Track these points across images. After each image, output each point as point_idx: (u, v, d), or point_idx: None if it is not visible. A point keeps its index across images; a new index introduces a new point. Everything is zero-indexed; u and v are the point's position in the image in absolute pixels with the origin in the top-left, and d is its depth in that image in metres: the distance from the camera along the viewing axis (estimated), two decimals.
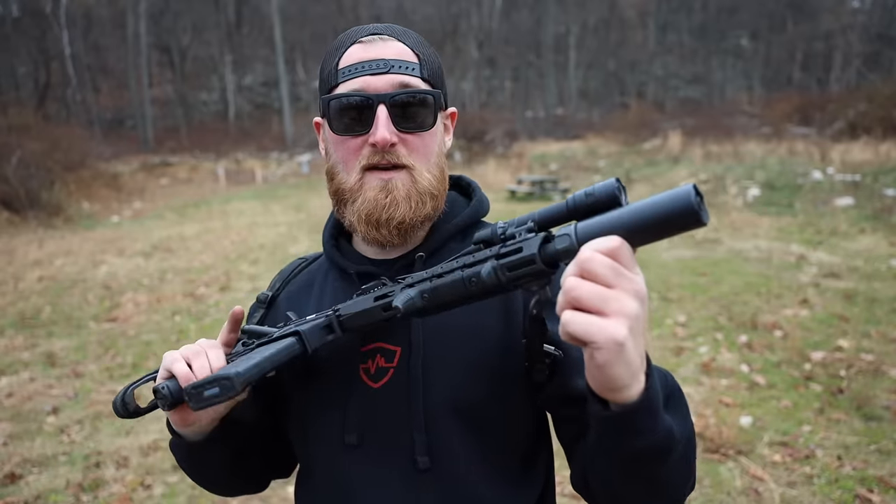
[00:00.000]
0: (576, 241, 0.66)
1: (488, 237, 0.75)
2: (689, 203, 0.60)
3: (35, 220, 14.50)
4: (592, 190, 0.68)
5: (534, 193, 16.49)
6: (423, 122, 0.92)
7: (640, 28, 44.73)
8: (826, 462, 3.35)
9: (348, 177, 0.93)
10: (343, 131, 0.91)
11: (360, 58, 0.91)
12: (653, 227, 0.63)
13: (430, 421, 0.90)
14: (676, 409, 0.76)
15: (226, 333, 0.96)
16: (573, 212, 0.69)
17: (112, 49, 36.03)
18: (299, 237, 11.36)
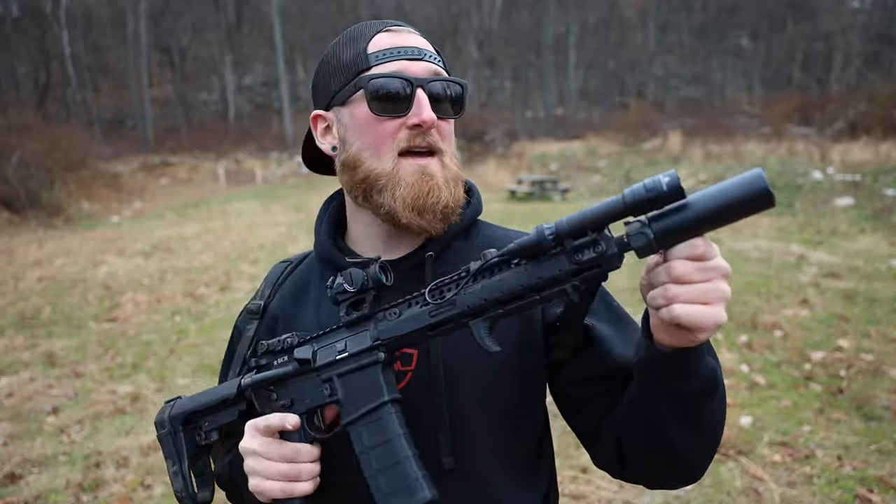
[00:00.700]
0: (654, 241, 0.70)
1: (535, 244, 0.73)
2: (765, 186, 0.65)
3: (35, 220, 14.49)
4: (656, 185, 0.67)
5: (534, 193, 16.48)
6: (455, 108, 0.94)
7: (640, 28, 44.73)
8: (826, 462, 3.35)
9: (380, 163, 0.90)
10: (382, 111, 0.89)
11: (393, 44, 0.91)
12: (727, 215, 0.67)
13: (454, 420, 0.91)
14: (713, 352, 0.81)
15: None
16: (631, 208, 0.70)
17: (112, 49, 36.02)
18: (299, 237, 11.36)
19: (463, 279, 0.79)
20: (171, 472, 0.97)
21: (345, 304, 0.86)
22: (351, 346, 0.85)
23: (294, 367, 0.89)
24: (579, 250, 0.73)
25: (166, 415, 0.99)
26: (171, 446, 0.97)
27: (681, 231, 0.69)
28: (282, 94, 35.15)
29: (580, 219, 0.72)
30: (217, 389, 0.97)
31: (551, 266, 0.74)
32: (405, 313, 0.83)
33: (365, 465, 0.83)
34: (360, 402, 0.84)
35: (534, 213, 13.37)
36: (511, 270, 0.77)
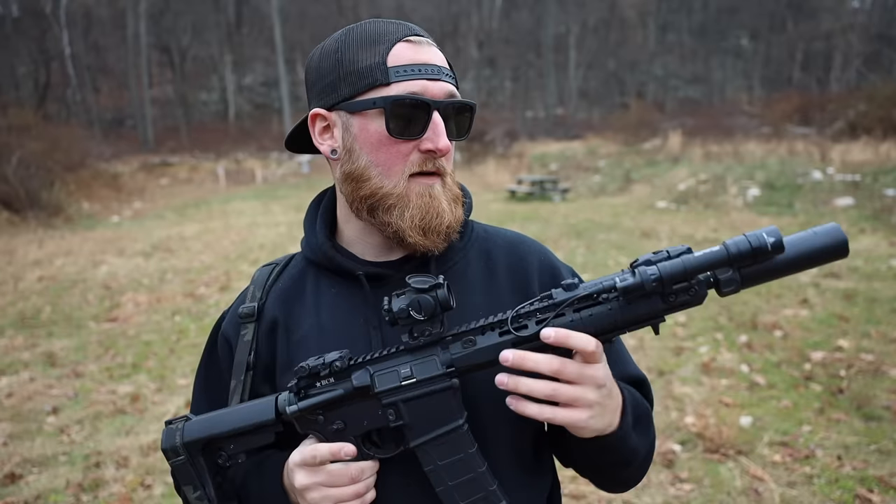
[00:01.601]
0: (741, 284, 0.79)
1: (637, 287, 0.76)
2: (844, 238, 0.77)
3: (35, 220, 14.50)
4: (760, 242, 0.78)
5: (534, 193, 16.49)
6: (464, 130, 0.95)
7: (640, 28, 44.72)
8: (826, 462, 3.35)
9: (389, 182, 0.90)
10: (399, 133, 0.88)
11: (413, 59, 0.88)
12: (808, 261, 0.78)
13: (473, 416, 0.91)
14: (643, 430, 0.92)
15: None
16: (734, 260, 0.77)
17: (112, 49, 36.01)
18: (299, 237, 11.30)
19: (545, 309, 0.82)
20: (193, 497, 0.93)
21: (405, 328, 0.85)
22: (418, 372, 0.84)
23: (347, 390, 0.87)
24: (674, 293, 0.78)
25: (178, 442, 0.92)
26: (190, 474, 0.92)
27: (765, 275, 0.79)
28: (282, 94, 35.15)
29: (683, 268, 0.77)
30: (244, 412, 0.92)
31: (645, 306, 0.79)
32: (480, 341, 0.83)
33: (437, 481, 0.86)
34: (430, 425, 0.85)
35: (534, 213, 13.37)
36: (601, 306, 0.80)
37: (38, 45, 32.85)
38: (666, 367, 4.71)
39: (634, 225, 11.47)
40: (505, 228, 1.11)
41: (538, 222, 12.05)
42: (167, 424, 0.95)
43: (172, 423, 0.94)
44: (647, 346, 5.14)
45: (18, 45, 32.02)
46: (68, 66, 33.16)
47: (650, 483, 3.24)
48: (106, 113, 35.28)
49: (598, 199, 16.08)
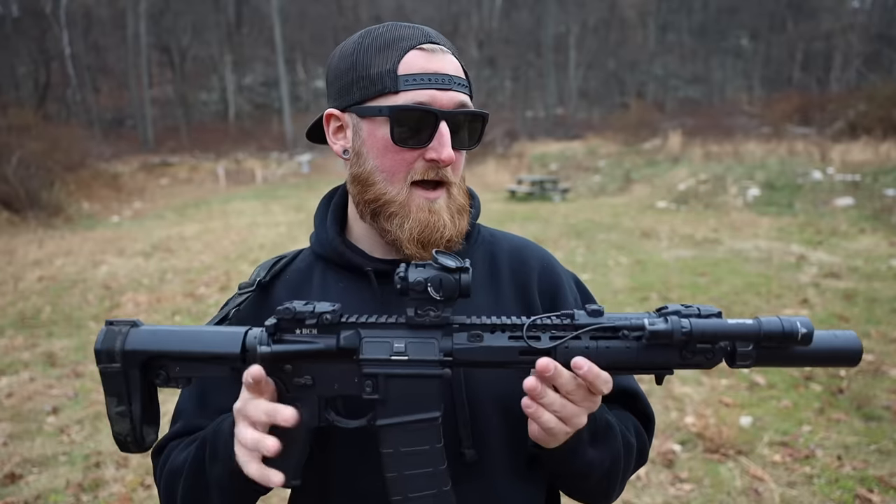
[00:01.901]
0: (754, 363, 0.79)
1: (666, 335, 0.76)
2: (860, 348, 0.80)
3: (35, 220, 14.49)
4: (793, 330, 0.77)
5: (534, 193, 16.49)
6: (473, 141, 0.94)
7: (640, 28, 44.71)
8: (826, 462, 3.35)
9: (392, 188, 0.91)
10: (403, 142, 0.89)
11: (424, 68, 0.89)
12: (818, 360, 0.81)
13: (473, 414, 0.92)
14: (602, 444, 0.92)
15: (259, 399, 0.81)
16: (761, 338, 0.77)
17: (112, 49, 36.01)
18: (299, 237, 11.36)
19: (561, 327, 0.80)
20: (114, 412, 0.84)
21: (416, 302, 0.80)
22: (413, 351, 0.80)
23: (328, 346, 0.80)
24: (695, 352, 0.78)
25: (117, 346, 0.83)
26: (119, 384, 0.83)
27: (777, 361, 0.80)
28: (282, 94, 35.16)
29: (714, 331, 0.77)
30: (206, 336, 0.83)
31: (662, 354, 0.79)
32: (488, 339, 0.80)
33: (390, 465, 0.81)
34: (406, 409, 0.81)
35: (534, 214, 13.37)
36: (619, 342, 0.79)
37: (38, 45, 32.85)
38: None
39: (634, 225, 11.47)
40: (512, 233, 1.12)
41: (538, 222, 12.05)
42: (108, 324, 0.85)
43: (115, 325, 0.85)
44: None
45: (18, 45, 32.02)
46: (68, 66, 33.16)
47: (650, 483, 3.24)
48: (106, 113, 35.28)
49: (598, 199, 16.08)
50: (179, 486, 0.92)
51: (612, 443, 0.93)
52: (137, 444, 0.86)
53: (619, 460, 0.95)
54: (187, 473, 0.91)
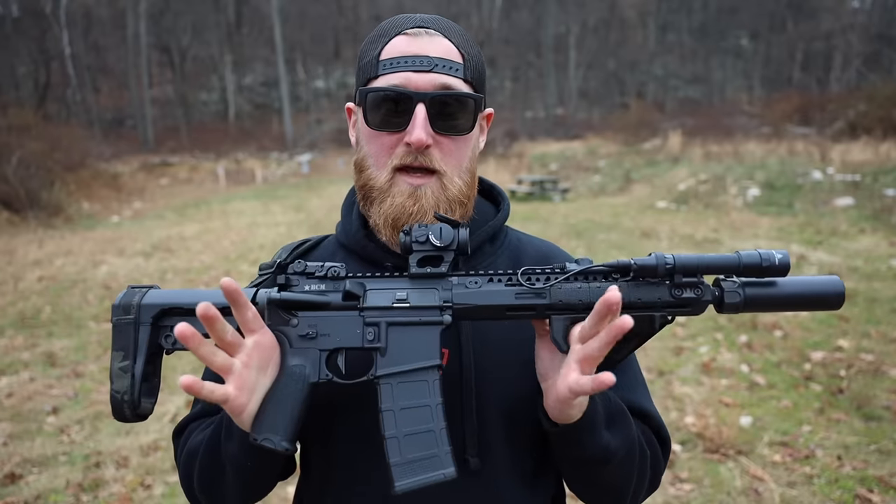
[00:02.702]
0: (742, 304, 0.81)
1: (652, 267, 0.80)
2: (843, 291, 0.81)
3: (35, 220, 14.49)
4: (769, 258, 0.79)
5: (534, 193, 16.48)
6: (461, 125, 0.90)
7: (640, 28, 44.71)
8: (826, 462, 3.35)
9: (378, 173, 0.91)
10: (378, 126, 0.89)
11: (404, 51, 0.88)
12: (803, 303, 0.82)
13: (480, 421, 0.91)
14: (618, 428, 0.89)
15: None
16: (741, 269, 0.80)
17: (112, 49, 36.02)
18: (299, 237, 11.31)
19: (555, 274, 0.82)
20: (116, 366, 0.84)
21: (418, 255, 0.83)
22: (414, 299, 0.82)
23: (335, 299, 0.83)
24: (681, 287, 0.81)
25: (135, 300, 0.85)
26: (128, 338, 0.84)
27: (764, 303, 0.81)
28: (282, 94, 35.16)
29: (697, 261, 0.80)
30: (216, 293, 0.84)
31: (652, 292, 0.81)
32: (486, 286, 0.82)
33: (388, 425, 0.80)
34: (406, 357, 0.81)
35: (534, 213, 13.37)
36: (609, 283, 0.82)
37: (38, 45, 32.85)
38: (666, 367, 4.71)
39: (634, 225, 11.47)
40: (540, 238, 1.12)
41: (538, 222, 12.05)
42: (131, 287, 0.89)
43: (135, 287, 0.88)
44: (647, 345, 5.14)
45: (18, 45, 32.02)
46: (68, 66, 33.16)
47: None
48: (106, 113, 35.28)
49: (598, 199, 16.08)
50: (196, 465, 0.92)
51: (628, 430, 0.90)
52: (132, 407, 0.84)
53: (633, 450, 0.91)
54: (203, 452, 0.91)
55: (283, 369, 0.82)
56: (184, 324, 0.70)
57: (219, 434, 0.88)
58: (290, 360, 0.82)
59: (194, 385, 0.70)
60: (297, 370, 0.82)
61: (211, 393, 0.73)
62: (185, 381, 0.69)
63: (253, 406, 0.79)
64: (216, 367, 0.74)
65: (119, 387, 0.84)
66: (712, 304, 0.82)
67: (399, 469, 0.78)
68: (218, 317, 0.72)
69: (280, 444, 0.79)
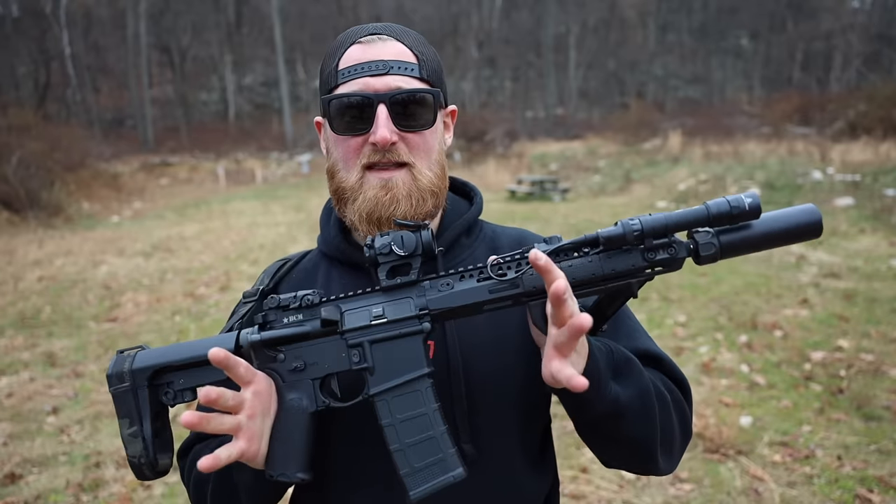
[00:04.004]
0: (719, 252, 0.79)
1: (619, 237, 0.77)
2: (819, 218, 0.78)
3: (35, 220, 14.49)
4: (738, 203, 0.76)
5: (534, 193, 16.48)
6: (423, 120, 0.93)
7: (640, 28, 44.70)
8: (826, 462, 3.35)
9: (348, 175, 0.94)
10: (343, 131, 0.93)
11: (359, 59, 0.92)
12: (784, 237, 0.79)
13: (471, 408, 0.92)
14: (626, 379, 0.87)
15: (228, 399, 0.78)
16: (713, 219, 0.77)
17: (112, 49, 36.00)
18: (299, 237, 11.36)
19: (523, 259, 0.81)
20: (126, 433, 0.86)
21: (385, 267, 0.83)
22: (390, 313, 0.82)
23: (314, 328, 0.83)
24: (654, 249, 0.78)
25: (126, 367, 0.87)
26: (129, 404, 0.86)
27: (743, 247, 0.79)
28: (282, 94, 35.16)
29: (664, 221, 0.77)
30: (202, 343, 0.87)
31: (625, 260, 0.79)
32: (458, 285, 0.82)
33: (392, 438, 0.81)
34: (395, 372, 0.81)
35: (534, 213, 13.37)
36: (581, 259, 0.80)
37: (38, 45, 32.85)
38: None
39: None
40: (512, 227, 1.15)
41: (538, 222, 12.05)
42: (119, 353, 0.90)
43: (125, 352, 0.90)
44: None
45: (18, 45, 32.01)
46: (68, 66, 33.15)
47: (650, 483, 3.24)
48: (106, 113, 35.27)
49: (598, 199, 16.08)
50: (209, 489, 0.95)
51: (639, 378, 0.88)
52: (151, 467, 0.88)
53: (650, 399, 0.88)
54: (215, 479, 0.94)
55: (282, 405, 0.84)
56: (188, 415, 0.73)
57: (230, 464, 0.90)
58: (287, 395, 0.84)
59: (215, 463, 0.74)
60: (295, 403, 0.84)
61: (229, 457, 0.76)
62: (203, 466, 0.73)
63: (263, 449, 0.83)
64: (227, 430, 0.77)
65: (134, 451, 0.87)
66: (690, 258, 0.80)
67: (411, 479, 0.80)
68: (220, 395, 0.75)
69: (295, 477, 0.83)
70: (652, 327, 5.61)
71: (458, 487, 0.90)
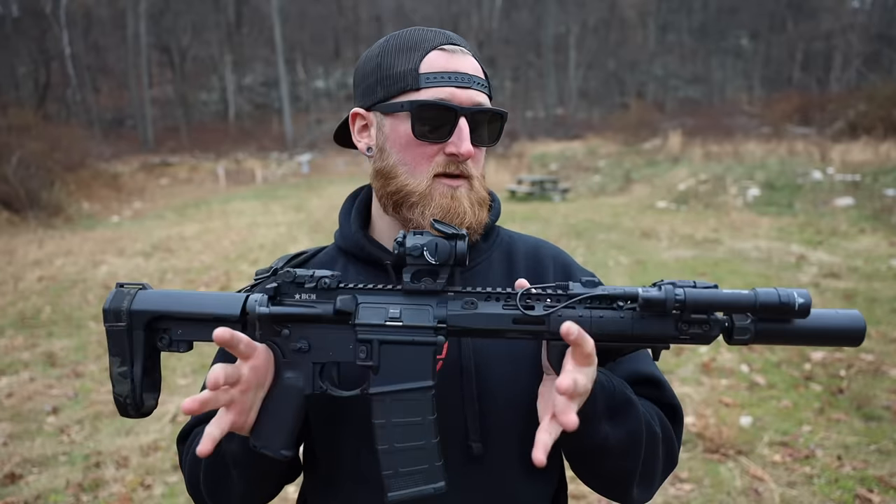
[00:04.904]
0: (752, 339, 0.77)
1: (660, 303, 0.75)
2: (863, 328, 0.75)
3: (35, 220, 14.49)
4: (789, 301, 0.73)
5: (534, 193, 16.48)
6: (490, 137, 0.98)
7: (640, 28, 44.70)
8: (826, 462, 3.35)
9: (415, 180, 0.94)
10: (424, 136, 0.93)
11: (445, 67, 0.93)
12: (820, 339, 0.77)
13: (482, 408, 0.93)
14: (621, 420, 0.89)
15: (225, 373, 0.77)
16: (758, 309, 0.74)
17: (112, 49, 36.01)
18: (299, 237, 11.36)
19: (556, 297, 0.80)
20: (116, 372, 0.85)
21: (411, 269, 0.82)
22: (407, 318, 0.80)
23: (326, 312, 0.82)
24: (689, 322, 0.77)
25: (125, 306, 0.85)
26: (122, 344, 0.85)
27: (777, 338, 0.77)
28: (282, 94, 35.16)
29: (709, 300, 0.74)
30: (209, 300, 0.85)
31: (657, 326, 0.77)
32: (482, 307, 0.80)
33: (382, 438, 0.81)
34: (400, 376, 0.80)
35: (534, 213, 13.37)
36: (613, 312, 0.78)
37: (38, 45, 32.85)
38: (666, 367, 4.71)
39: (634, 225, 11.46)
40: (529, 235, 1.16)
41: (538, 222, 12.05)
42: (119, 286, 0.87)
43: (124, 287, 0.87)
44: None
45: (18, 45, 32.01)
46: (68, 66, 33.16)
47: None
48: (106, 113, 35.28)
49: (598, 199, 16.08)
50: (202, 466, 0.95)
51: (632, 421, 0.90)
52: (136, 408, 0.86)
53: (639, 442, 0.90)
54: (207, 458, 0.92)
55: (278, 380, 0.83)
56: (188, 401, 0.72)
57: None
58: (284, 373, 0.83)
59: (210, 448, 0.75)
60: (291, 382, 0.82)
61: (222, 433, 0.77)
62: (202, 451, 0.73)
63: (252, 419, 0.83)
64: (222, 405, 0.78)
65: (121, 391, 0.86)
66: (726, 339, 0.79)
67: (391, 480, 0.80)
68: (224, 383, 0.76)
69: (278, 453, 0.81)
70: None
71: (461, 484, 0.90)
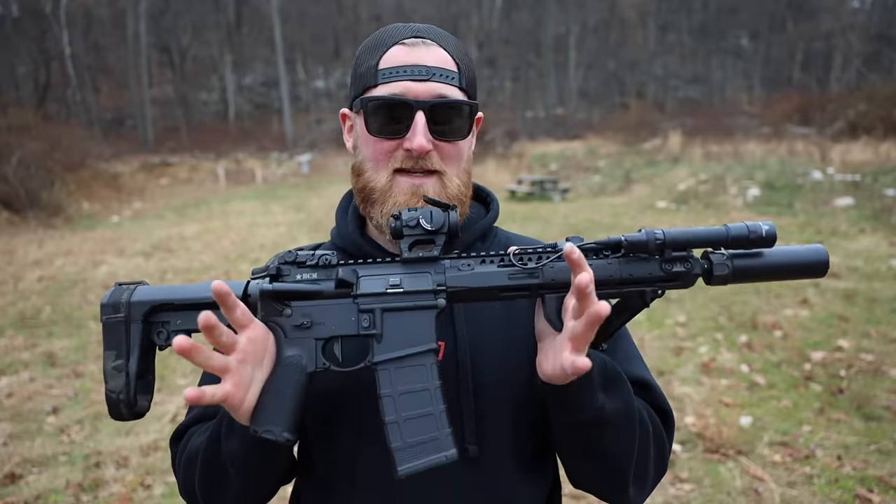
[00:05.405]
0: (731, 275, 0.82)
1: (642, 243, 0.81)
2: (827, 259, 0.83)
3: (35, 220, 14.48)
4: (756, 229, 0.81)
5: (534, 193, 16.48)
6: (459, 131, 0.94)
7: (640, 28, 44.70)
8: (826, 462, 3.35)
9: (377, 176, 0.94)
10: (378, 132, 0.92)
11: (403, 61, 0.91)
12: (790, 271, 0.83)
13: (479, 408, 0.93)
14: (614, 392, 0.88)
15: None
16: (730, 241, 0.81)
17: (112, 49, 36.01)
18: (299, 237, 11.36)
19: (547, 253, 0.83)
20: (110, 366, 0.84)
21: (409, 240, 0.84)
22: (407, 284, 0.82)
23: (328, 288, 0.83)
24: (671, 261, 0.82)
25: (124, 299, 0.85)
26: (119, 337, 0.84)
27: (752, 274, 0.83)
28: (282, 94, 35.16)
29: (686, 235, 0.81)
30: (204, 287, 0.84)
31: (643, 267, 0.82)
32: (478, 268, 0.83)
33: (388, 410, 0.81)
34: (403, 342, 0.81)
35: (534, 213, 13.37)
36: (601, 260, 0.83)
37: (38, 45, 32.85)
38: (666, 367, 4.71)
39: (634, 225, 11.46)
40: (527, 236, 1.14)
41: (538, 222, 12.05)
42: (118, 285, 0.87)
43: (123, 284, 0.88)
44: (647, 346, 5.14)
45: (18, 45, 32.01)
46: (68, 66, 33.15)
47: None
48: (106, 113, 35.27)
49: (598, 199, 16.07)
50: (197, 466, 0.92)
51: (626, 395, 0.89)
52: (129, 406, 0.85)
53: (633, 418, 0.89)
54: (204, 452, 0.91)
55: (279, 360, 0.82)
56: (181, 338, 0.70)
57: (219, 433, 0.89)
58: (286, 351, 0.82)
59: (199, 396, 0.72)
60: (294, 360, 0.82)
61: (212, 396, 0.74)
62: (189, 396, 0.71)
63: (251, 399, 0.80)
64: (214, 369, 0.75)
65: (114, 386, 0.85)
66: (701, 277, 0.83)
67: (401, 453, 0.79)
68: (217, 324, 0.73)
69: (281, 435, 0.79)
70: (652, 327, 5.61)
71: (457, 487, 0.90)
